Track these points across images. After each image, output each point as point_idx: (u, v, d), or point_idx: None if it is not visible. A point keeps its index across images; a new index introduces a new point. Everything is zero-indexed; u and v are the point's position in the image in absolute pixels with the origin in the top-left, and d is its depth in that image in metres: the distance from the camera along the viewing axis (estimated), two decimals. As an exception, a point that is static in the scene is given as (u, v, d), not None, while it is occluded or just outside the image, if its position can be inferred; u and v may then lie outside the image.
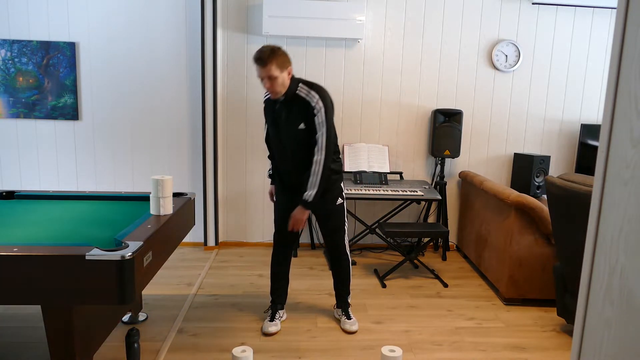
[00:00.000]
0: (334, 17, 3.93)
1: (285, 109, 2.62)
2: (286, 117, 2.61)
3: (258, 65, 2.48)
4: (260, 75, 2.51)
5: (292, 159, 2.69)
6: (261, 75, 2.50)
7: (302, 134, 2.61)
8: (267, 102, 2.74)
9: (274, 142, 2.74)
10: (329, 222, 2.84)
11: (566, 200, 2.63)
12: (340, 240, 2.88)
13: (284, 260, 2.93)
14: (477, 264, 3.95)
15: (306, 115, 2.58)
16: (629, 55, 0.91)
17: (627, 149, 0.90)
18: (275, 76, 2.48)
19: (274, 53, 2.46)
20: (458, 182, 4.50)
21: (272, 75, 2.48)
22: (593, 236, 1.01)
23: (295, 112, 2.59)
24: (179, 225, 2.64)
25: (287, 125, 2.62)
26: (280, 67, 2.49)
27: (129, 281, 1.86)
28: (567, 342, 2.85)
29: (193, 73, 4.18)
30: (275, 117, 2.67)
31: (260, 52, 2.47)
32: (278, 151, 2.74)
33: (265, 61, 2.45)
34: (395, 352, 2.05)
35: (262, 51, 2.46)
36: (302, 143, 2.63)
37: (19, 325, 2.81)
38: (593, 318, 1.00)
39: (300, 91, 2.59)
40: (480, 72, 4.31)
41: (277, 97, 2.57)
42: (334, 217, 2.84)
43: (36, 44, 4.03)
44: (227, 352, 2.62)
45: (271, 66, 2.46)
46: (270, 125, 2.72)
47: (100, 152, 4.25)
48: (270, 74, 2.47)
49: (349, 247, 2.95)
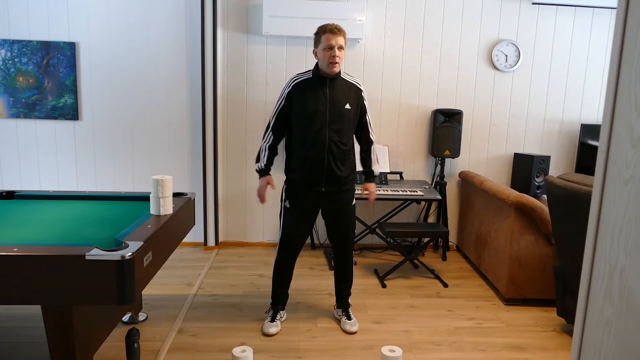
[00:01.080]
0: (334, 17, 3.93)
1: (331, 89, 2.70)
2: (334, 96, 2.70)
3: (329, 34, 2.60)
4: (331, 43, 2.59)
5: (330, 141, 2.68)
6: (332, 43, 2.59)
7: (347, 113, 2.72)
8: (299, 84, 2.72)
9: (311, 124, 2.67)
10: (345, 220, 2.83)
11: (566, 200, 2.63)
12: (351, 246, 2.90)
13: (292, 266, 2.92)
14: (477, 264, 3.95)
15: (351, 96, 2.74)
16: (629, 55, 0.91)
17: (627, 149, 0.90)
18: (343, 48, 2.64)
19: (344, 30, 2.65)
20: (458, 182, 4.50)
21: (341, 46, 2.62)
22: (593, 236, 1.01)
23: (342, 92, 2.72)
24: (179, 225, 2.64)
25: (334, 104, 2.69)
26: (345, 45, 2.66)
27: (129, 281, 1.86)
28: (567, 342, 2.85)
29: (193, 73, 4.18)
30: (317, 96, 2.68)
31: (332, 24, 2.63)
32: (315, 133, 2.67)
33: (339, 31, 2.61)
34: (395, 352, 2.05)
35: (333, 23, 2.64)
36: (346, 123, 2.73)
37: (19, 325, 2.81)
38: (593, 318, 1.00)
39: (345, 75, 2.77)
40: (480, 72, 4.31)
41: (335, 70, 2.65)
42: (351, 213, 2.85)
43: (36, 44, 4.03)
44: (227, 352, 2.62)
45: (342, 37, 2.62)
46: (311, 105, 2.67)
47: (100, 152, 4.25)
48: (341, 44, 2.61)
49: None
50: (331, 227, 2.87)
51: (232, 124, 4.27)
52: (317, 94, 2.68)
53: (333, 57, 2.59)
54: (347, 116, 2.71)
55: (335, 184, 2.75)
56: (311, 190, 2.75)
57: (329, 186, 2.75)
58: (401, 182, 4.19)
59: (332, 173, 2.72)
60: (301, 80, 2.73)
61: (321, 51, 2.62)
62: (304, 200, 2.78)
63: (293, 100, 2.72)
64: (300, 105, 2.70)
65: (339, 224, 2.85)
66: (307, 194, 2.77)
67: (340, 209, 2.82)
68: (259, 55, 4.18)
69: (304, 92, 2.70)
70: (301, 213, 2.80)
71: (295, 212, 2.80)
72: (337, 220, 2.84)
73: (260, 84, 4.22)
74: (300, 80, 2.73)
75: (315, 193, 2.76)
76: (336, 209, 2.82)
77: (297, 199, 2.79)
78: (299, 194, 2.79)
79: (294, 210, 2.80)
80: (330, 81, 2.69)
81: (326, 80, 2.69)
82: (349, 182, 2.82)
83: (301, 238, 2.85)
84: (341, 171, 2.74)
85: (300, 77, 2.75)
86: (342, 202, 2.81)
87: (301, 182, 2.76)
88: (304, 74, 2.75)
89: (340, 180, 2.75)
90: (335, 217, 2.83)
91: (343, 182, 2.77)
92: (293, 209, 2.80)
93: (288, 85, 2.75)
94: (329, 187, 2.75)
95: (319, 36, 2.63)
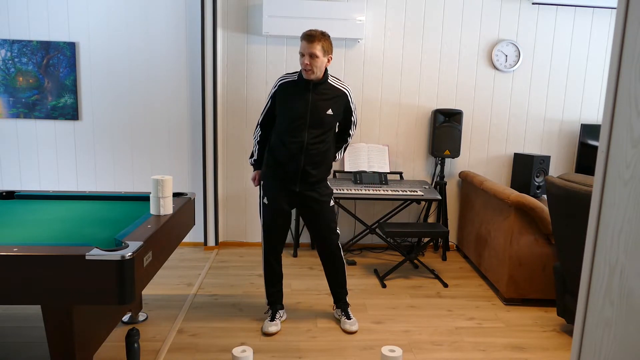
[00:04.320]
0: (334, 17, 3.93)
1: (315, 93, 2.68)
2: (316, 101, 2.68)
3: (305, 41, 2.59)
4: (303, 51, 2.60)
5: (308, 144, 2.70)
6: (304, 50, 2.59)
7: (328, 119, 2.72)
8: (284, 85, 2.73)
9: (291, 126, 2.70)
10: (323, 220, 2.83)
11: (566, 200, 2.63)
12: (335, 240, 2.89)
13: (279, 261, 2.93)
14: (477, 264, 3.95)
15: (335, 103, 2.73)
16: (629, 55, 0.91)
17: (627, 149, 0.90)
18: (317, 56, 2.59)
19: (323, 35, 2.62)
20: (458, 182, 4.50)
21: (314, 54, 2.58)
22: (593, 236, 1.01)
23: (325, 98, 2.70)
24: (179, 225, 2.64)
25: (315, 109, 2.68)
26: (324, 51, 2.62)
27: (129, 281, 1.86)
28: (567, 342, 2.85)
29: (193, 73, 4.18)
30: (299, 99, 2.67)
31: (312, 30, 2.62)
32: (293, 135, 2.70)
33: (313, 38, 2.58)
34: (395, 352, 2.05)
35: (314, 30, 2.62)
36: (326, 127, 2.73)
37: (19, 325, 2.81)
38: (593, 318, 1.00)
39: (333, 80, 2.75)
40: (480, 72, 4.31)
41: (309, 77, 2.64)
42: (329, 213, 2.84)
43: (36, 44, 4.03)
44: (227, 352, 2.62)
45: (317, 45, 2.58)
46: (292, 108, 2.69)
47: (100, 152, 4.25)
48: (312, 52, 2.58)
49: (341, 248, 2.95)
50: (310, 228, 2.90)
51: (232, 124, 4.27)
52: (299, 98, 2.68)
53: (305, 64, 2.60)
54: (327, 121, 2.72)
55: (309, 184, 2.78)
56: (285, 188, 2.79)
57: (303, 186, 2.78)
58: (401, 182, 4.19)
59: (306, 174, 2.75)
60: (287, 82, 2.74)
61: (299, 57, 2.64)
62: (280, 197, 2.81)
63: (277, 101, 2.75)
64: (282, 107, 2.73)
65: (317, 225, 2.85)
66: (282, 192, 2.80)
67: (316, 210, 2.82)
68: (259, 55, 4.18)
69: (287, 94, 2.72)
70: (276, 209, 2.82)
71: (271, 208, 2.83)
72: (315, 221, 2.85)
73: (260, 84, 4.22)
74: (285, 82, 2.74)
75: (290, 191, 2.79)
76: (312, 209, 2.82)
77: (273, 195, 2.82)
78: (275, 190, 2.82)
79: (270, 206, 2.83)
80: (315, 86, 2.68)
81: (310, 84, 2.68)
82: (323, 182, 2.84)
83: (281, 232, 2.87)
84: (315, 174, 2.77)
85: (287, 77, 2.75)
86: (318, 202, 2.81)
87: (276, 179, 2.80)
88: (291, 74, 2.76)
89: (313, 182, 2.79)
90: (312, 218, 2.85)
91: (316, 182, 2.80)
92: (270, 205, 2.83)
93: (274, 85, 2.78)
94: (303, 187, 2.78)
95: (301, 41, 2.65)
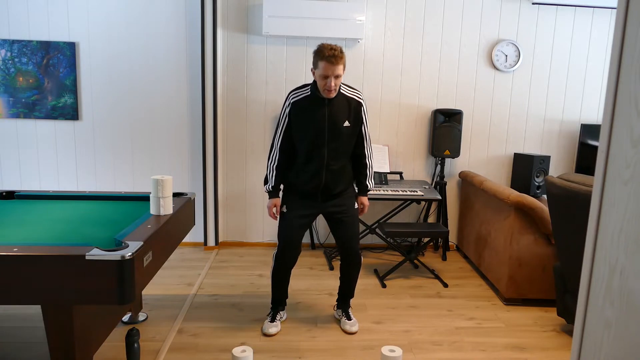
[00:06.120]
0: (334, 17, 3.93)
1: (330, 108, 2.63)
2: (332, 115, 2.63)
3: (327, 63, 2.47)
4: (327, 73, 2.49)
5: (329, 159, 2.67)
6: (329, 73, 2.49)
7: (346, 131, 2.67)
8: (298, 102, 2.66)
9: (310, 144, 2.66)
10: (349, 227, 2.80)
11: (566, 200, 2.63)
12: (358, 247, 2.86)
13: (289, 273, 2.90)
14: (477, 264, 3.95)
15: (351, 113, 2.67)
16: (629, 55, 0.91)
17: (627, 149, 0.90)
18: (341, 75, 2.54)
19: (343, 54, 2.52)
20: (458, 182, 4.50)
21: (339, 75, 2.52)
22: (593, 236, 1.01)
23: (341, 110, 2.65)
24: (179, 225, 2.64)
25: (333, 124, 2.63)
26: (344, 68, 2.56)
27: (129, 281, 1.86)
28: (567, 342, 2.85)
29: (193, 73, 4.18)
30: (316, 116, 2.62)
31: (333, 49, 2.48)
32: (313, 153, 2.67)
33: (338, 60, 2.48)
34: (395, 352, 2.05)
35: (335, 49, 2.49)
36: (345, 139, 2.68)
37: (19, 325, 2.81)
38: (593, 318, 1.00)
39: (344, 90, 2.68)
40: (480, 72, 4.31)
41: (331, 96, 2.59)
42: (355, 221, 2.82)
43: (36, 44, 4.03)
44: (227, 352, 2.62)
45: (341, 65, 2.51)
46: (309, 125, 2.64)
47: (100, 152, 4.25)
48: (338, 73, 2.51)
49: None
50: (335, 233, 2.86)
51: (232, 124, 4.27)
52: (316, 114, 2.63)
53: (329, 86, 2.53)
54: (346, 133, 2.67)
55: (332, 196, 2.77)
56: (308, 199, 2.77)
57: (325, 198, 2.77)
58: (401, 182, 4.19)
59: (328, 189, 2.72)
60: (300, 99, 2.67)
61: (318, 77, 2.54)
62: (301, 205, 2.77)
63: (292, 119, 2.69)
64: (299, 124, 2.67)
65: (344, 230, 2.81)
66: (304, 200, 2.77)
67: (341, 213, 2.79)
68: (259, 55, 4.18)
69: (302, 111, 2.65)
70: (297, 217, 2.76)
71: (291, 215, 2.77)
72: (340, 226, 2.81)
73: (260, 84, 4.22)
74: (299, 99, 2.67)
75: (313, 201, 2.77)
76: (337, 213, 2.79)
77: (294, 202, 2.78)
78: (297, 198, 2.78)
79: (290, 214, 2.77)
80: (329, 100, 2.63)
81: (325, 99, 2.62)
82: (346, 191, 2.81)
83: (297, 244, 2.79)
84: (337, 188, 2.75)
85: (298, 94, 2.68)
86: (345, 206, 2.79)
87: (298, 192, 2.77)
88: (302, 90, 2.68)
89: (336, 194, 2.77)
90: (338, 222, 2.81)
91: (338, 195, 2.78)
92: (289, 213, 2.78)
93: (287, 103, 2.70)
94: (325, 198, 2.77)
95: (317, 60, 2.52)
